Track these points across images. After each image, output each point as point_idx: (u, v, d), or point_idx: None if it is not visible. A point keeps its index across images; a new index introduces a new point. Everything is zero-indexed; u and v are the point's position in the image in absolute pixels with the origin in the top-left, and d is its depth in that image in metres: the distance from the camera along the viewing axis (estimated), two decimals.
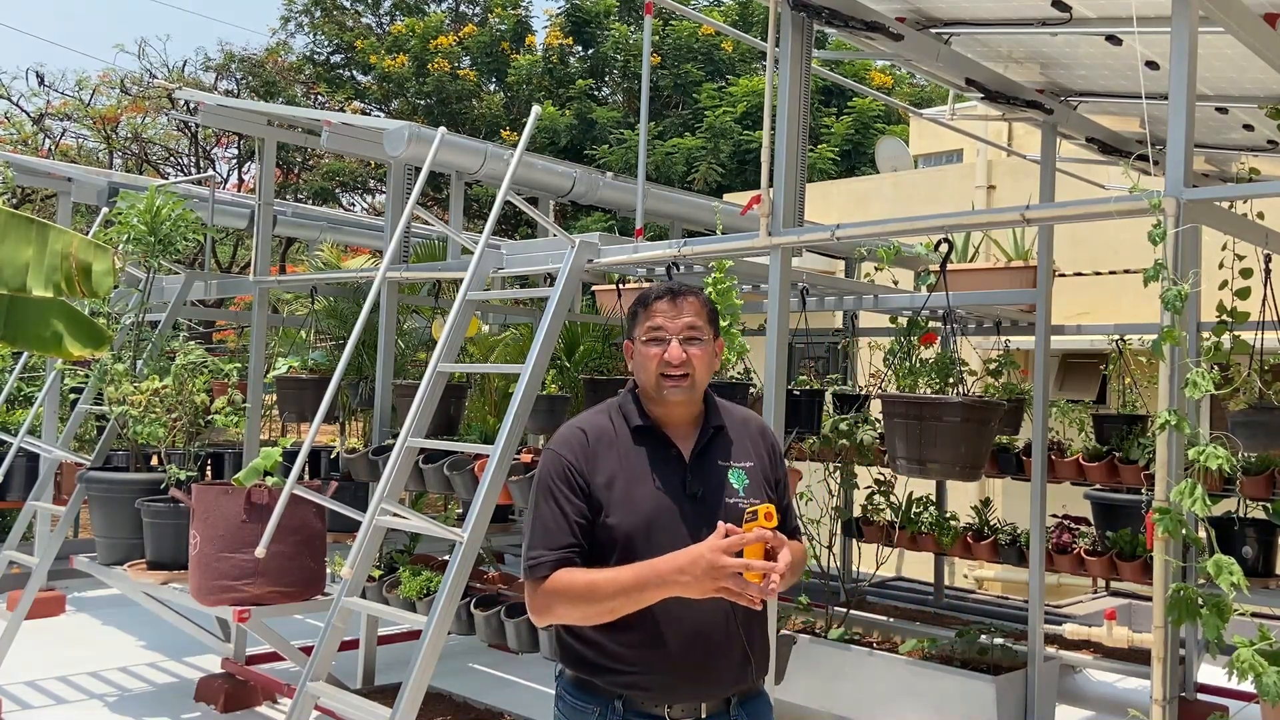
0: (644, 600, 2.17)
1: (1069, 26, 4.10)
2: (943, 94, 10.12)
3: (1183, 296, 2.86)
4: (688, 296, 2.40)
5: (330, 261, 8.77)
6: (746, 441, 2.43)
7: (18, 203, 14.86)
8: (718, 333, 2.46)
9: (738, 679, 2.33)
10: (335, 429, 7.88)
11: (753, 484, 2.36)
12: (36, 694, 5.61)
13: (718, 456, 2.37)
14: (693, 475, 2.33)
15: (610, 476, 2.29)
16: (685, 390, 2.33)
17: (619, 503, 2.27)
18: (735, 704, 2.34)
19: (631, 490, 2.28)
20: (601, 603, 2.19)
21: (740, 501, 2.30)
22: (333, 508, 4.73)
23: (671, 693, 2.28)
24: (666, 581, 2.13)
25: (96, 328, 4.02)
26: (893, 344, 4.78)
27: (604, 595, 2.19)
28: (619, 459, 2.32)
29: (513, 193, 4.51)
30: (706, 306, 2.42)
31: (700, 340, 2.36)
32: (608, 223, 14.86)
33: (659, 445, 2.35)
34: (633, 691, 2.28)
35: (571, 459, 2.31)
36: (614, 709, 2.29)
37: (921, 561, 7.49)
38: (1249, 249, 3.95)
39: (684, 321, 2.35)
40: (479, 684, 5.83)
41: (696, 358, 2.34)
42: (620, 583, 2.18)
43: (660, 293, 2.41)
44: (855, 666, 5.17)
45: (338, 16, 19.70)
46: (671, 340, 2.33)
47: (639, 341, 2.38)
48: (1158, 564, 2.89)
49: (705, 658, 2.27)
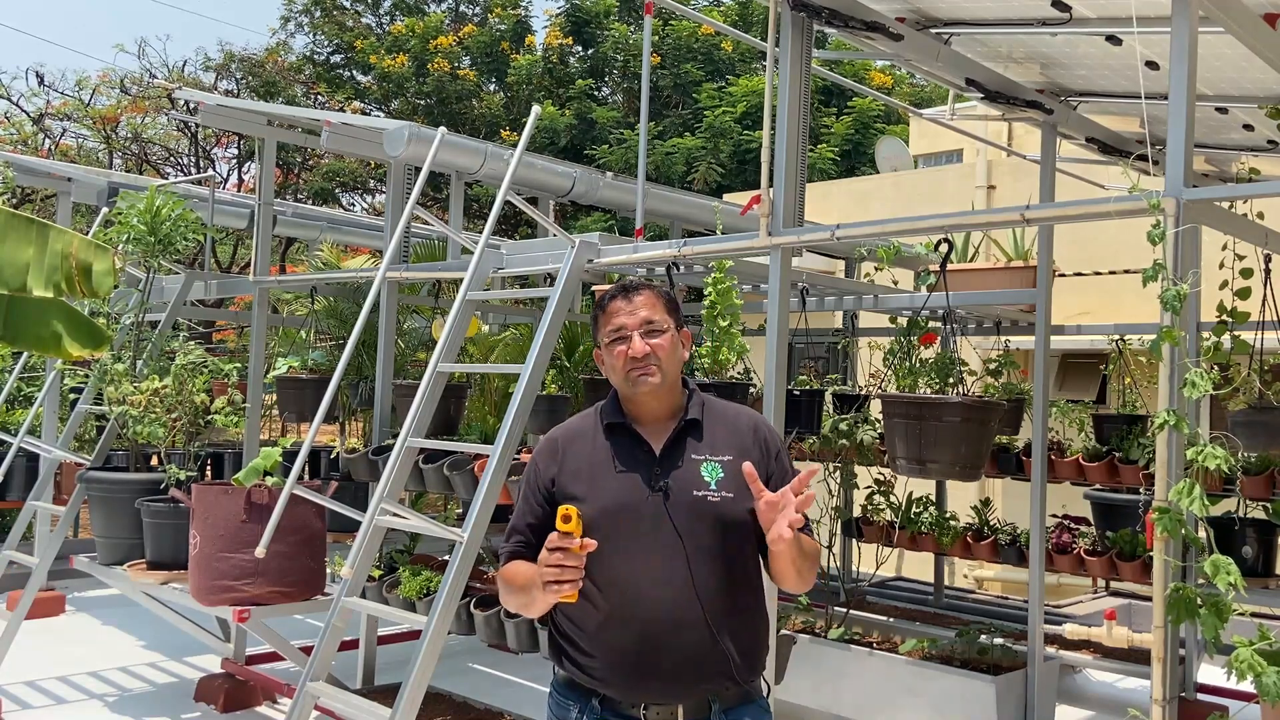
0: (529, 602, 2.24)
1: (1069, 26, 4.10)
2: (943, 94, 10.12)
3: (1182, 297, 2.86)
4: (641, 291, 2.42)
5: (330, 261, 8.76)
6: (730, 435, 2.40)
7: (18, 203, 14.86)
8: (680, 322, 2.46)
9: (712, 677, 2.28)
10: (335, 429, 7.89)
11: (727, 477, 2.33)
12: (36, 694, 5.61)
13: (691, 450, 2.36)
14: (660, 468, 2.33)
15: (576, 471, 2.36)
16: (654, 380, 2.35)
17: (585, 495, 2.31)
18: (717, 710, 2.30)
19: (597, 483, 2.33)
20: (514, 595, 2.33)
21: (709, 494, 2.30)
22: (333, 508, 4.73)
23: (638, 691, 2.27)
24: (531, 583, 2.20)
25: (96, 328, 4.02)
26: (893, 344, 4.77)
27: (513, 589, 2.33)
28: (588, 454, 2.38)
29: (513, 193, 4.51)
30: (663, 298, 2.44)
31: (661, 331, 2.38)
32: (608, 223, 14.86)
33: (630, 441, 2.38)
34: (604, 688, 2.30)
35: (540, 462, 2.44)
36: (591, 706, 2.32)
37: (921, 561, 7.49)
38: (1249, 249, 3.95)
39: (641, 316, 2.38)
40: (479, 684, 5.83)
41: (659, 348, 2.36)
42: (516, 576, 2.32)
43: (613, 293, 2.44)
44: (855, 666, 5.17)
45: (338, 16, 19.69)
46: (633, 335, 2.36)
47: (604, 344, 2.42)
48: (1157, 564, 2.89)
49: (665, 655, 2.24)
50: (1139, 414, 5.71)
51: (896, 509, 5.92)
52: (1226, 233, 3.59)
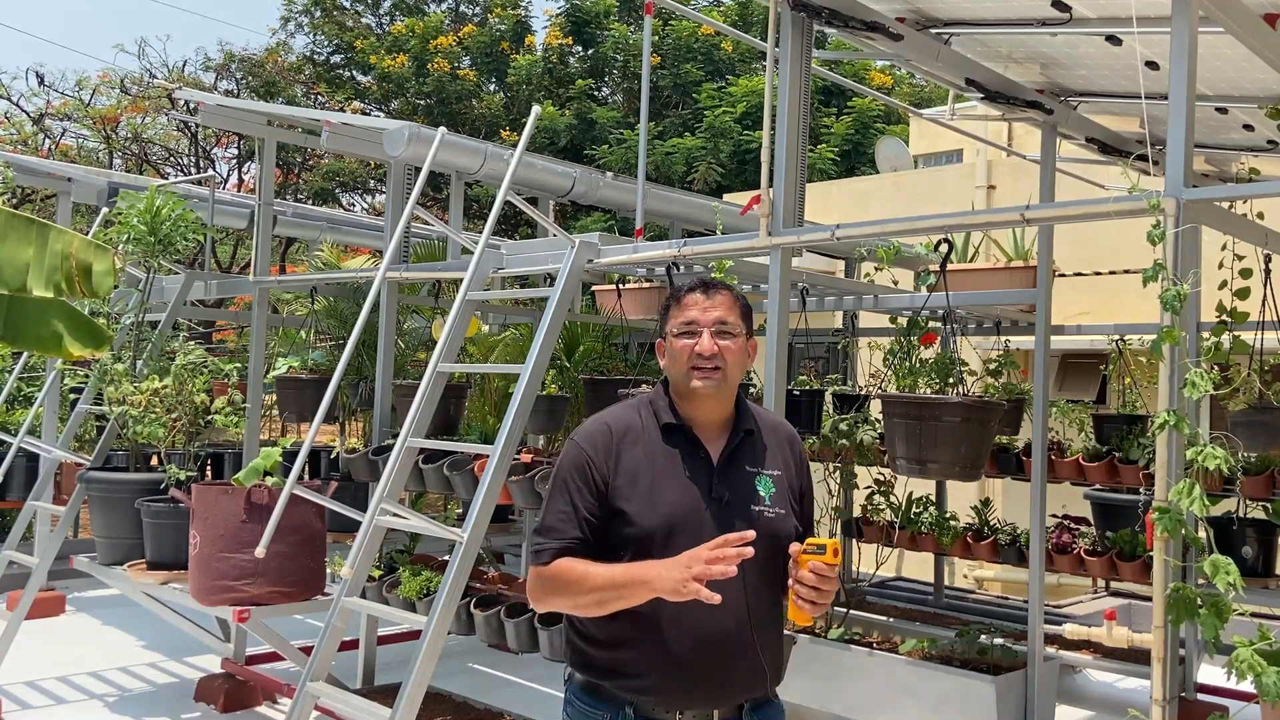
0: (630, 597, 2.14)
1: (1069, 27, 4.10)
2: (943, 94, 10.12)
3: (1182, 297, 2.86)
4: (721, 290, 2.36)
5: (330, 261, 8.77)
6: (776, 449, 2.38)
7: (18, 203, 14.86)
8: (751, 332, 2.40)
9: (751, 686, 2.29)
10: (335, 429, 7.89)
11: (779, 493, 2.31)
12: (36, 694, 5.61)
13: (746, 462, 2.32)
14: (720, 479, 2.28)
15: (634, 473, 2.25)
16: (716, 383, 2.28)
17: (641, 501, 2.23)
18: (748, 710, 2.31)
19: (655, 489, 2.24)
20: (590, 594, 2.18)
21: (766, 510, 2.27)
22: (333, 508, 4.73)
23: (684, 699, 2.25)
24: (649, 579, 2.11)
25: (96, 328, 4.02)
26: (893, 344, 4.77)
27: (593, 587, 2.17)
28: (645, 456, 2.27)
29: (513, 193, 4.51)
30: (740, 302, 2.37)
31: (733, 334, 2.31)
32: (608, 223, 14.86)
33: (688, 445, 2.30)
34: (644, 697, 2.25)
35: (592, 454, 2.27)
36: (624, 714, 2.26)
37: (921, 561, 7.49)
38: (1249, 249, 3.95)
39: (716, 315, 2.31)
40: (479, 684, 5.83)
41: (729, 351, 2.29)
42: (610, 577, 2.17)
43: (694, 285, 2.37)
44: (855, 666, 5.16)
45: (338, 16, 19.69)
46: (704, 332, 2.29)
47: (671, 335, 2.33)
48: (1157, 564, 2.89)
49: (717, 665, 2.23)
50: (1139, 414, 5.71)
51: (896, 509, 5.92)
52: (1226, 233, 3.59)
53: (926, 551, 6.06)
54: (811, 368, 8.99)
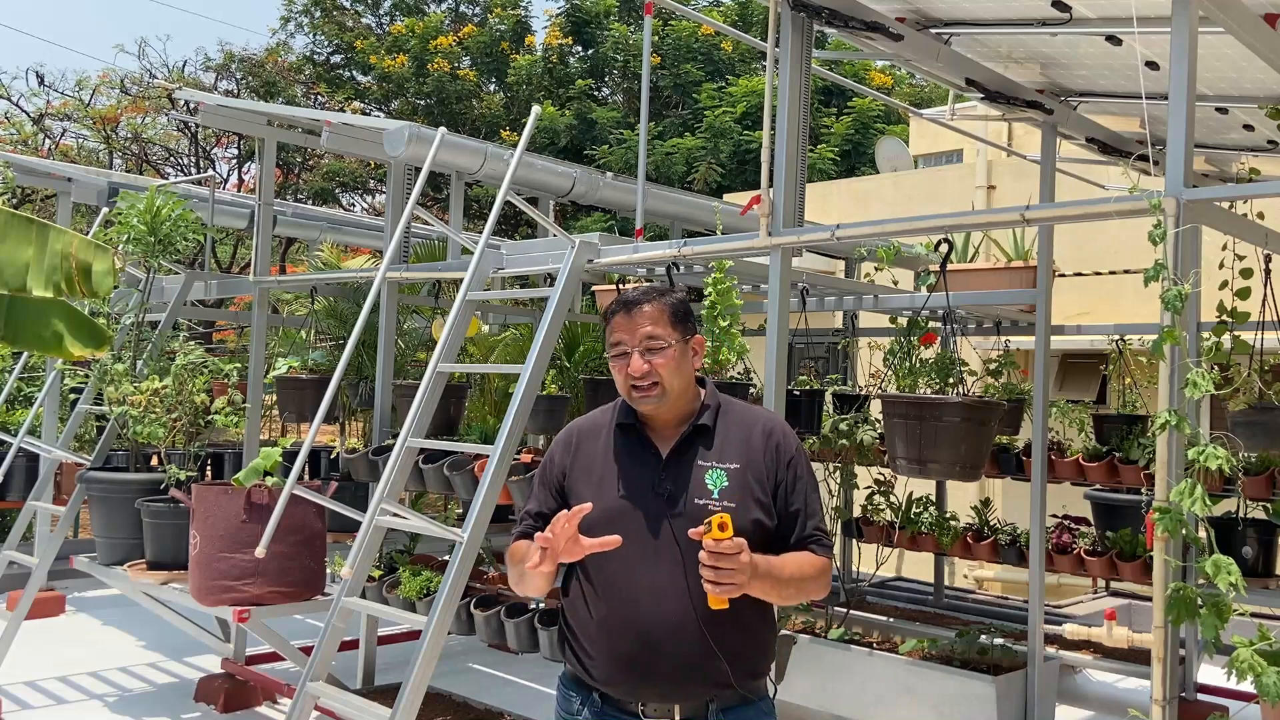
0: (530, 568, 2.21)
1: (1069, 27, 4.10)
2: (943, 94, 10.12)
3: (1183, 296, 2.86)
4: (642, 306, 2.37)
5: (330, 261, 8.77)
6: (741, 442, 2.36)
7: (18, 203, 14.86)
8: (690, 330, 2.41)
9: (711, 683, 2.27)
10: (335, 429, 7.88)
11: (732, 486, 2.30)
12: (36, 694, 5.61)
13: (697, 456, 2.34)
14: (665, 474, 2.33)
15: (588, 468, 2.41)
16: (655, 399, 2.34)
17: (591, 494, 2.33)
18: (715, 711, 2.29)
19: (603, 483, 2.35)
20: (513, 566, 2.40)
21: (712, 503, 2.27)
22: (333, 508, 4.73)
23: (632, 690, 2.29)
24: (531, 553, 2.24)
25: (96, 328, 4.02)
26: (893, 344, 4.77)
27: (513, 560, 2.40)
28: (600, 452, 2.41)
29: (513, 193, 4.51)
30: (667, 309, 2.37)
31: (662, 348, 2.33)
32: (608, 223, 14.86)
33: (639, 443, 2.39)
34: (603, 686, 2.32)
35: (556, 452, 2.48)
36: (593, 701, 2.35)
37: (921, 561, 7.49)
38: (1249, 249, 3.95)
39: (642, 332, 2.34)
40: (479, 684, 5.83)
41: (661, 365, 2.33)
42: (516, 550, 2.40)
43: (615, 307, 2.41)
44: (855, 666, 5.17)
45: (338, 17, 19.69)
46: (633, 353, 2.33)
47: (608, 357, 2.43)
48: (1157, 564, 2.89)
49: (660, 658, 2.24)
50: (1139, 414, 5.71)
51: (896, 509, 5.92)
52: (1226, 233, 3.59)
53: (926, 551, 6.06)
54: (811, 368, 8.99)
